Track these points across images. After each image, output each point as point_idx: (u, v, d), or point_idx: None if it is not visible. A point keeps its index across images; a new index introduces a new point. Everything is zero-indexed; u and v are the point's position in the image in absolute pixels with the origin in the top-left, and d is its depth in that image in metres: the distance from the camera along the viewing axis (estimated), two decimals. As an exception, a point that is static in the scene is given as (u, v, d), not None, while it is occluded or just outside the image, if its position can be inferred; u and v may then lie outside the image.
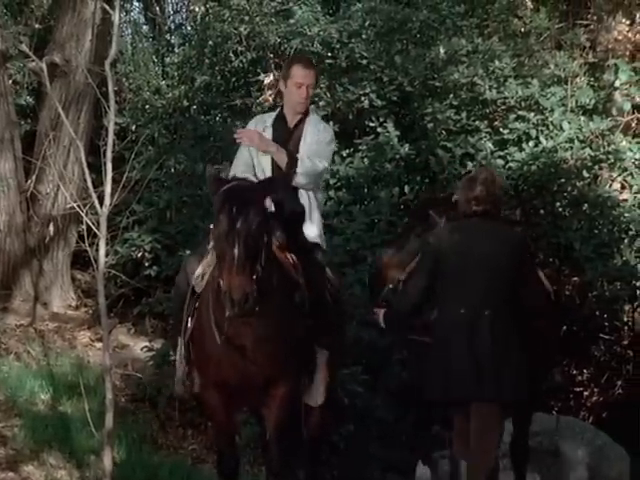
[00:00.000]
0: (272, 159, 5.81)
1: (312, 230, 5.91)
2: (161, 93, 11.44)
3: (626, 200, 9.65)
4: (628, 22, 11.06)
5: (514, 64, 10.09)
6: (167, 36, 13.50)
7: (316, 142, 5.85)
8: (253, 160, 5.86)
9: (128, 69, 12.06)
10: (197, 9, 13.26)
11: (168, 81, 11.79)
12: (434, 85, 9.91)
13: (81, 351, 8.77)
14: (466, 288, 5.33)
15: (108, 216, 5.86)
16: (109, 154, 5.89)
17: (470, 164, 9.34)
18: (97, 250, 5.85)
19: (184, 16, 14.62)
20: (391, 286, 6.18)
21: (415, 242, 6.10)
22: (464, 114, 9.64)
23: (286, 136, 5.86)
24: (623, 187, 10.03)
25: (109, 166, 5.87)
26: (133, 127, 10.82)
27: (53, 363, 8.28)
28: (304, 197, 5.88)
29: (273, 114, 6.06)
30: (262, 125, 5.94)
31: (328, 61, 10.28)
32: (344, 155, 9.53)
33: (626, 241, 9.42)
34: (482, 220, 5.44)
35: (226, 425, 5.54)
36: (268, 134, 5.87)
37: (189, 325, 5.45)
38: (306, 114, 5.96)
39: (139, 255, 9.49)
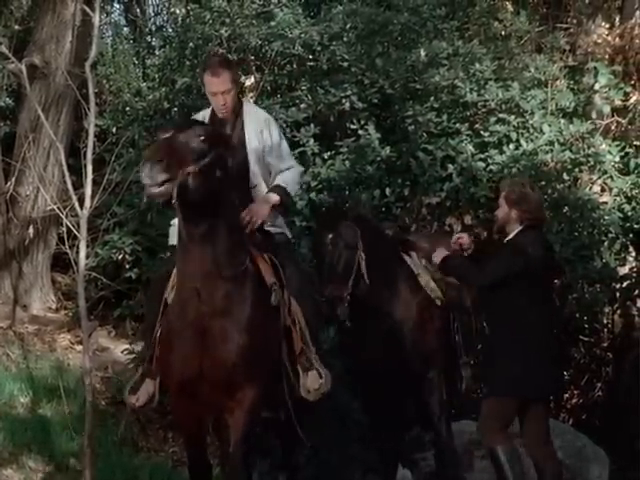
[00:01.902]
0: None
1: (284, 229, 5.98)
2: (142, 95, 11.40)
3: (606, 203, 9.67)
4: (607, 25, 11.09)
5: (494, 67, 10.09)
6: (148, 38, 13.48)
7: (271, 146, 5.85)
8: None
9: (108, 71, 12.03)
10: (178, 11, 13.26)
11: (149, 83, 11.76)
12: (415, 88, 9.90)
13: (61, 354, 8.75)
14: (536, 291, 5.98)
15: (88, 218, 5.86)
16: (89, 156, 5.89)
17: (451, 166, 9.33)
18: (77, 252, 5.85)
19: (165, 18, 14.64)
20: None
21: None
22: (445, 117, 9.64)
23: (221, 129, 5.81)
24: (603, 190, 10.05)
25: (89, 168, 5.86)
26: (114, 129, 10.77)
27: (33, 366, 8.25)
28: None
29: (208, 110, 6.04)
30: None
31: (309, 63, 10.27)
32: (325, 157, 9.52)
33: (606, 243, 9.45)
34: (538, 230, 6.20)
35: (194, 432, 5.47)
36: None
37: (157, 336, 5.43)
38: (240, 106, 5.95)
39: (120, 257, 9.45)
